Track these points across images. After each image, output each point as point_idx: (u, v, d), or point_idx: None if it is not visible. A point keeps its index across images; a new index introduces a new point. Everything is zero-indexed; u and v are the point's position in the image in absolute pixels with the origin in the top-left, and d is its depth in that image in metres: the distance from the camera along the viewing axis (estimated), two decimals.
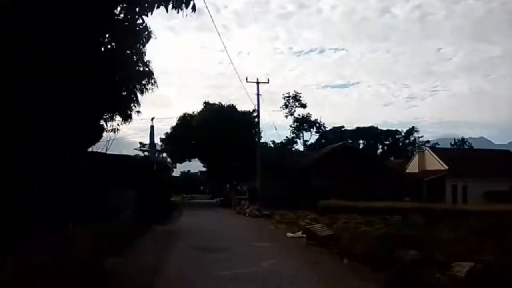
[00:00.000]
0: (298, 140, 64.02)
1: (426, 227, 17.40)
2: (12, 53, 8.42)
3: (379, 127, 78.22)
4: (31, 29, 8.56)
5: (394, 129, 79.44)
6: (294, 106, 62.36)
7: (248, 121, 42.88)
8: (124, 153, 30.51)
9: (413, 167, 45.48)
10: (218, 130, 41.65)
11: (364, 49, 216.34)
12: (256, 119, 42.44)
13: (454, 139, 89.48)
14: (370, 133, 75.76)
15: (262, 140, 46.30)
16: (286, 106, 62.08)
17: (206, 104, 44.16)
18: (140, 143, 42.15)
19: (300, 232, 16.44)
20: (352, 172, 38.99)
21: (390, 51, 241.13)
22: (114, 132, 16.31)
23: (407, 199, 40.11)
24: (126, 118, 16.54)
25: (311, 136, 64.93)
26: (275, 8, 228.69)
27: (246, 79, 34.65)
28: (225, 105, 44.14)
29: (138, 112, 17.07)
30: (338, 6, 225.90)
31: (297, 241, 15.41)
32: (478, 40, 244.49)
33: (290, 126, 63.04)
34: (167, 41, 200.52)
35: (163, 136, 46.12)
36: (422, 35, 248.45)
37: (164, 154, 51.99)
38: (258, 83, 35.39)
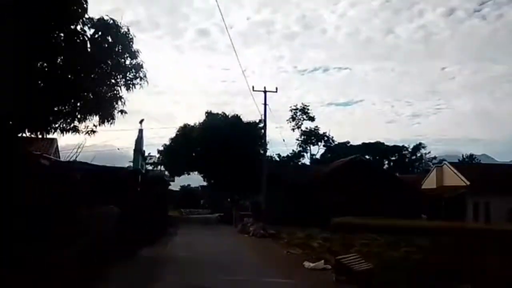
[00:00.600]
0: (305, 154, 60.97)
1: (469, 252, 14.20)
2: None
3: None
4: None
5: (401, 145, 76.79)
6: (302, 119, 59.41)
7: (253, 132, 39.79)
8: (117, 165, 27.50)
9: (430, 182, 42.20)
10: (221, 141, 38.60)
11: (368, 68, 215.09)
12: (262, 130, 39.52)
13: (462, 155, 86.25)
14: (377, 149, 72.84)
15: (267, 154, 43.28)
16: (293, 118, 59.08)
17: (208, 114, 41.10)
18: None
19: (322, 262, 13.17)
20: (365, 188, 35.92)
21: (394, 70, 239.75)
22: (89, 134, 13.16)
23: (424, 216, 36.91)
24: (106, 118, 13.43)
25: (318, 150, 61.81)
26: (280, 28, 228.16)
27: (253, 87, 31.90)
28: (229, 115, 41.10)
29: (122, 111, 13.97)
30: (342, 26, 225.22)
31: (321, 275, 12.07)
32: (482, 60, 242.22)
33: (297, 139, 60.00)
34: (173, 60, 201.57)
35: (161, 148, 43.00)
36: (426, 54, 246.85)
37: (162, 167, 48.91)
38: (265, 91, 32.57)
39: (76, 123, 12.91)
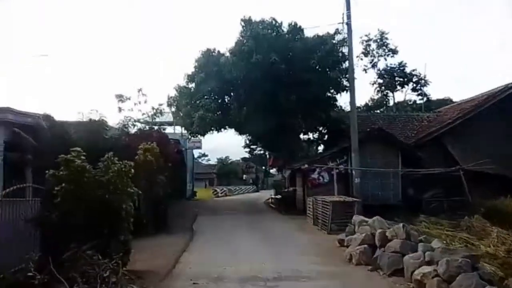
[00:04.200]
0: (386, 102, 42.70)
1: None
2: None
3: None
4: None
5: None
6: (378, 54, 41.28)
7: (327, 54, 22.43)
8: None
9: None
10: (271, 70, 21.85)
11: None
12: (341, 49, 22.45)
13: None
14: None
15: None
16: (366, 53, 41.06)
17: (247, 22, 23.82)
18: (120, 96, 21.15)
19: None
20: None
21: None
22: None
23: None
24: None
25: (405, 97, 43.23)
26: None
27: None
28: (281, 25, 23.77)
29: None
30: None
31: None
32: None
33: (375, 82, 41.82)
34: None
35: (173, 94, 26.48)
36: None
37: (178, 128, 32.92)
38: None
39: None
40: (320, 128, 28.78)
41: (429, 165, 20.61)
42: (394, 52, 41.74)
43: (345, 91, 22.77)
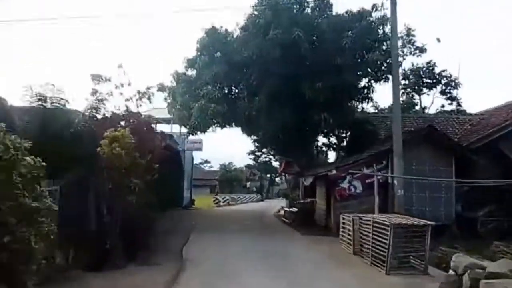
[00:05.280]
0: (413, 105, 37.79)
1: None
2: None
3: None
4: None
5: None
6: (403, 53, 36.53)
7: (361, 32, 17.70)
8: None
9: None
10: (292, 50, 17.37)
11: None
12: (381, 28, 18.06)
13: None
14: None
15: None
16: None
17: None
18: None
19: None
20: None
21: None
22: None
23: None
24: None
25: (433, 100, 38.30)
26: None
27: None
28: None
29: None
30: None
31: None
32: None
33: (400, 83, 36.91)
34: None
35: (170, 82, 21.79)
36: None
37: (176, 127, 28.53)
38: None
39: None
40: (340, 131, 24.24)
41: (482, 176, 15.95)
42: (422, 50, 37.03)
43: (384, 80, 18.13)
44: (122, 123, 11.11)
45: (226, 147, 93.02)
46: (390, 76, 17.38)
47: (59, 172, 9.71)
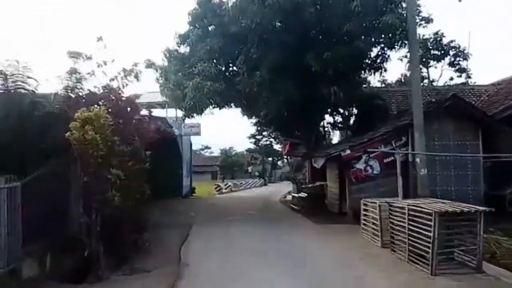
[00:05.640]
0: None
1: None
2: None
3: None
4: None
5: None
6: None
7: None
8: None
9: None
10: (295, 16, 15.39)
11: None
12: None
13: None
14: None
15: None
16: None
17: None
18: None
19: None
20: None
21: None
22: None
23: None
24: None
25: (441, 73, 36.23)
26: None
27: None
28: None
29: None
30: None
31: None
32: None
33: (405, 56, 34.74)
34: None
35: (162, 61, 19.77)
36: None
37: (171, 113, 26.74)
38: None
39: None
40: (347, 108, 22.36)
41: (509, 149, 14.20)
42: (428, 21, 34.73)
43: (400, 46, 16.20)
44: (102, 103, 9.22)
45: (226, 132, 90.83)
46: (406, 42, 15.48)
47: (25, 166, 7.95)
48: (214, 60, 17.93)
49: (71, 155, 8.11)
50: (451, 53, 35.82)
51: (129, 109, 9.30)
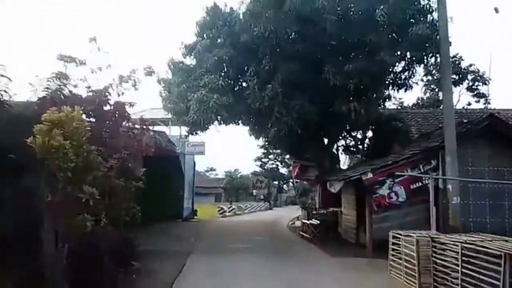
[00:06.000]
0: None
1: None
2: None
3: None
4: None
5: None
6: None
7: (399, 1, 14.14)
8: None
9: None
10: (313, 26, 13.94)
11: None
12: None
13: None
14: None
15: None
16: None
17: None
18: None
19: None
20: None
21: None
22: None
23: None
24: None
25: (459, 98, 34.56)
26: None
27: None
28: None
29: None
30: None
31: None
32: None
33: (421, 80, 33.07)
34: None
35: (166, 73, 18.29)
36: None
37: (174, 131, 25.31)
38: None
39: None
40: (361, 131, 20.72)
41: None
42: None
43: (431, 57, 14.67)
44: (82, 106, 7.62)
45: (232, 152, 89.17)
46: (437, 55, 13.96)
47: None
48: (222, 72, 16.49)
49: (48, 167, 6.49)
50: (469, 77, 34.37)
51: (116, 114, 7.68)
